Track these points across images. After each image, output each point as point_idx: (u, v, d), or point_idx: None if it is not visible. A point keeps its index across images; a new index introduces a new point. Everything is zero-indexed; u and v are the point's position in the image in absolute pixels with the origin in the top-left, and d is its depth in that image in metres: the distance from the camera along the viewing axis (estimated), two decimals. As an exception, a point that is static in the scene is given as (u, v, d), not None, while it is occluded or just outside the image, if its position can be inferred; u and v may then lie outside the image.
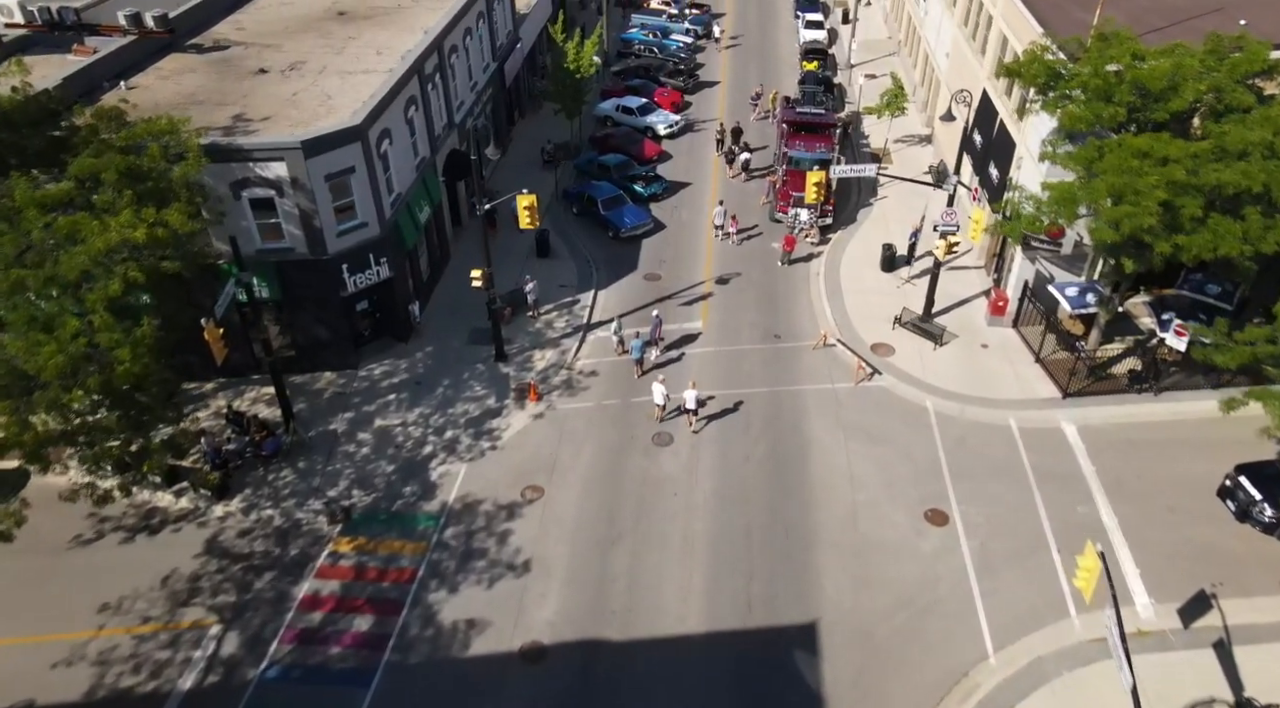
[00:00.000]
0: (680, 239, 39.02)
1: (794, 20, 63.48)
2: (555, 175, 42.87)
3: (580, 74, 43.08)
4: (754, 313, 34.07)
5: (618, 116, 48.48)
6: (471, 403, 29.79)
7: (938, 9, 46.29)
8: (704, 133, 48.33)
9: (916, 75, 51.17)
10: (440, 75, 35.29)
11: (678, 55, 56.09)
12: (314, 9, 38.96)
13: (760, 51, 58.82)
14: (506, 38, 45.45)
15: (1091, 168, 24.22)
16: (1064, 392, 29.37)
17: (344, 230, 28.42)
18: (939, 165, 42.81)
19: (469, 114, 39.36)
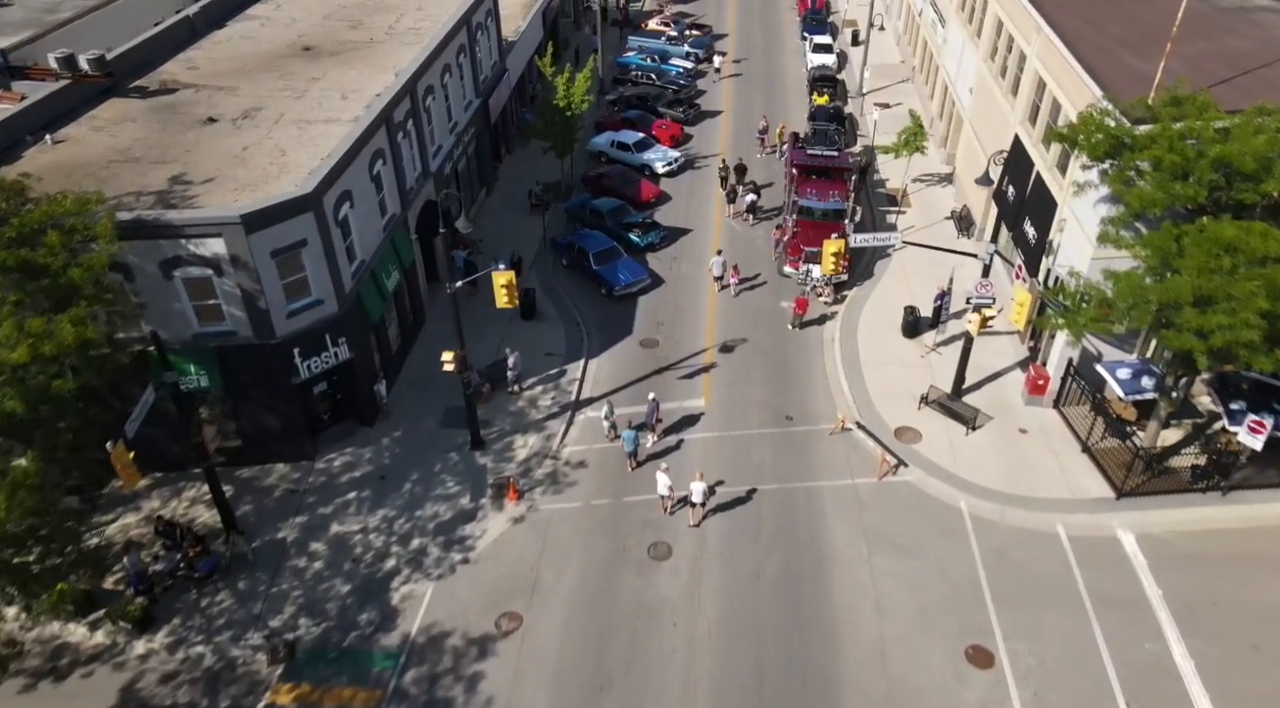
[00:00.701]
0: (680, 296, 35.41)
1: (800, 42, 60.01)
2: (544, 220, 39.30)
3: (572, 112, 39.54)
4: (763, 389, 30.47)
5: (612, 152, 44.92)
6: (442, 503, 26.17)
7: (958, 37, 42.76)
8: (706, 170, 44.77)
9: (934, 106, 47.63)
10: (414, 121, 31.71)
11: (677, 82, 52.55)
12: (277, 44, 35.39)
13: (766, 77, 55.26)
14: (492, 70, 41.90)
15: (1168, 260, 20.59)
16: (1118, 490, 25.77)
17: (295, 310, 24.83)
18: (962, 211, 39.24)
19: (448, 159, 35.78)
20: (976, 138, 38.73)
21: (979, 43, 39.13)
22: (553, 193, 41.60)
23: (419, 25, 37.57)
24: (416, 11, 39.26)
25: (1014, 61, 34.34)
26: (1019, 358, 31.29)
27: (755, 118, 49.92)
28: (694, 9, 67.21)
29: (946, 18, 45.47)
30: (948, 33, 45.09)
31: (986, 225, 36.58)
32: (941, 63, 46.05)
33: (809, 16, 61.47)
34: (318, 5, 39.71)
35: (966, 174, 40.25)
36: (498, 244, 38.27)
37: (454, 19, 36.08)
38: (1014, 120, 33.60)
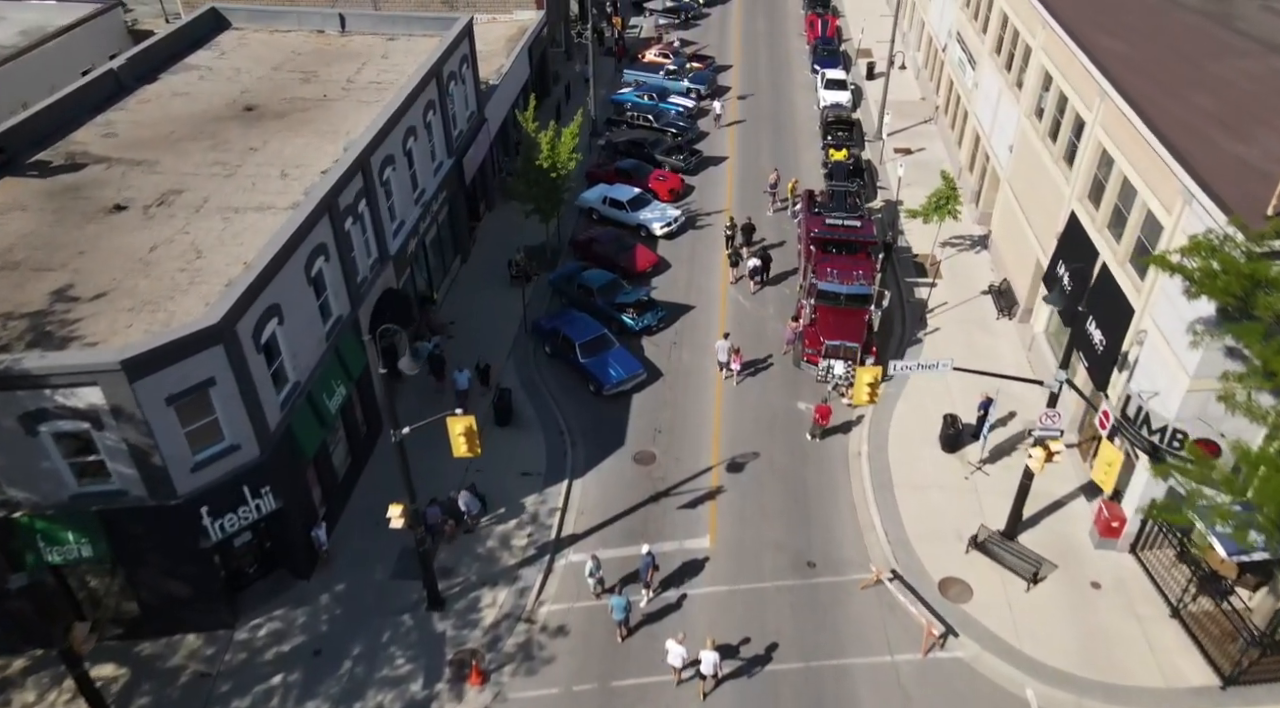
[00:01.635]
0: (680, 395, 30.60)
1: (811, 75, 55.25)
2: (525, 294, 34.54)
3: (558, 173, 34.78)
4: (779, 523, 25.65)
5: (604, 210, 40.12)
6: (389, 689, 21.30)
7: (993, 84, 37.99)
8: (709, 230, 39.98)
9: (962, 156, 42.84)
10: (368, 201, 26.96)
11: (676, 123, 47.75)
12: (215, 103, 30.61)
13: (774, 116, 50.45)
14: (468, 122, 37.11)
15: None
16: (1223, 676, 20.98)
17: (203, 461, 20.04)
18: (1002, 285, 34.43)
19: (412, 235, 30.97)
20: (1018, 203, 33.95)
21: (1020, 95, 34.33)
22: (536, 261, 36.80)
23: (382, 78, 32.82)
24: (381, 60, 34.51)
25: (1068, 125, 29.56)
26: (1081, 480, 26.50)
27: (763, 164, 45.16)
28: (695, 35, 62.46)
29: (978, 59, 40.72)
30: (979, 76, 40.32)
31: (1034, 311, 31.74)
32: (972, 109, 41.27)
33: (819, 47, 56.72)
34: (269, 53, 34.95)
35: (1005, 240, 35.43)
36: (472, 324, 33.48)
37: (420, 73, 31.34)
38: (1069, 195, 28.82)
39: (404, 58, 34.62)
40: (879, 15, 64.33)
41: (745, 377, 31.22)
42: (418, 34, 36.69)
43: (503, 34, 48.43)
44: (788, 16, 65.28)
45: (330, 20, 36.85)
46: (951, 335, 32.79)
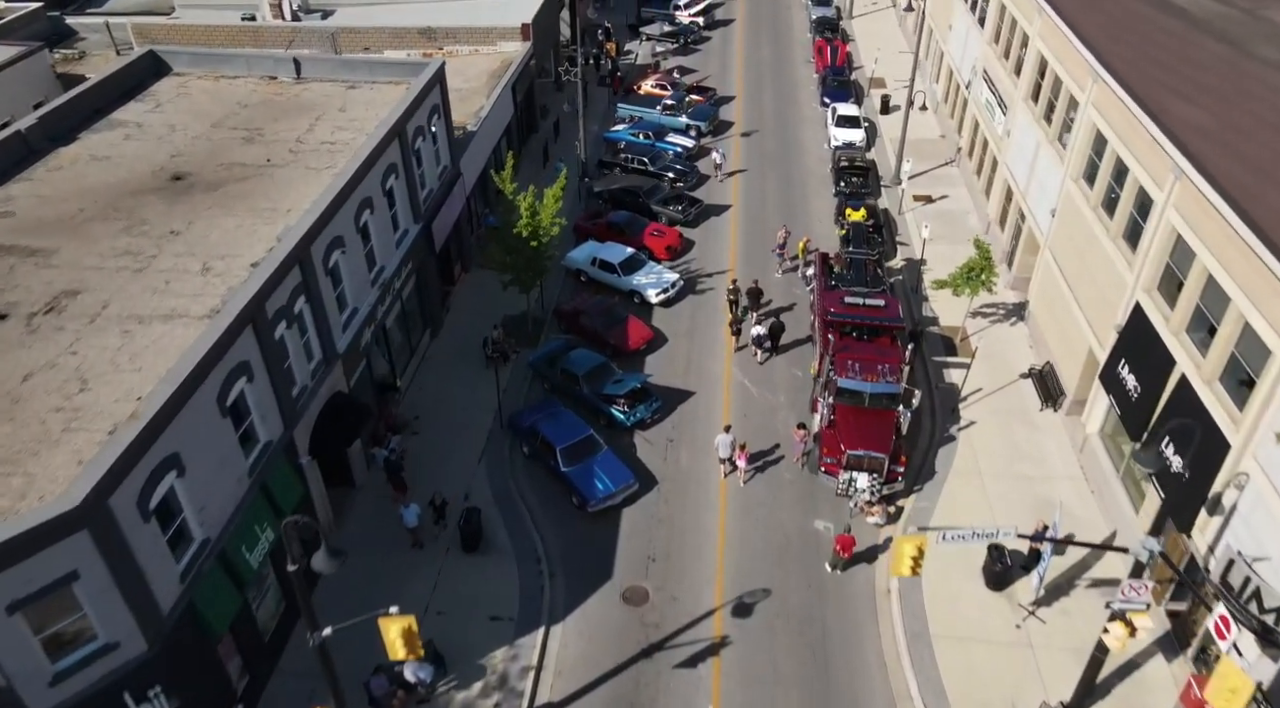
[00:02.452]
0: (678, 508, 26.39)
1: (820, 109, 51.08)
2: (500, 381, 30.39)
3: (539, 241, 30.62)
4: (797, 691, 21.36)
5: (593, 273, 35.92)
6: None
7: (1029, 135, 33.80)
8: (711, 295, 35.77)
9: (991, 208, 38.59)
10: (308, 298, 22.79)
11: (674, 167, 43.54)
12: (138, 171, 26.43)
13: (781, 156, 46.27)
14: (440, 179, 32.95)
15: None
16: None
17: (68, 669, 15.86)
18: (1044, 369, 30.23)
19: (367, 323, 26.77)
20: (1063, 276, 29.73)
21: (1065, 155, 30.16)
22: (516, 337, 32.61)
23: (336, 138, 28.63)
24: (338, 114, 30.33)
25: (1130, 199, 25.38)
26: (1157, 633, 22.28)
27: (769, 215, 41.00)
28: (695, 61, 58.26)
29: (1009, 104, 36.54)
30: (1011, 123, 36.12)
31: (1088, 407, 27.48)
32: (1002, 159, 37.06)
33: (829, 77, 52.56)
34: (210, 105, 30.77)
35: (1047, 317, 31.22)
36: (440, 417, 29.27)
37: (379, 133, 27.20)
38: (1133, 282, 24.64)
39: (364, 110, 30.45)
40: (891, 40, 60.21)
41: (753, 472, 27.13)
42: (382, 81, 32.53)
43: (485, 68, 44.33)
44: (794, 42, 61.14)
45: (284, 65, 32.68)
46: (989, 431, 28.58)
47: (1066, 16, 30.78)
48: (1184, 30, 29.97)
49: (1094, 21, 30.32)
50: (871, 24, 63.72)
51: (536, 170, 44.95)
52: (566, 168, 42.34)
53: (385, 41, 45.89)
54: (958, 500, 26.14)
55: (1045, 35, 32.69)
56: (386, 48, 45.99)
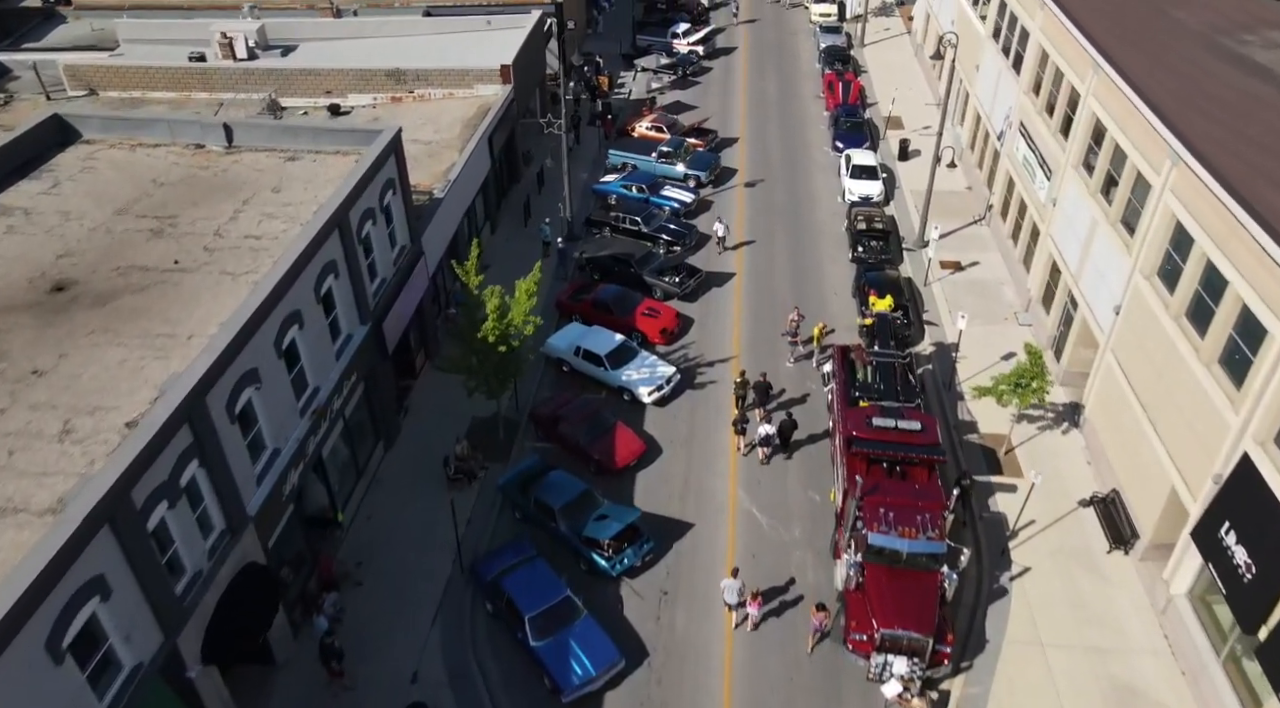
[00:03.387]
0: (674, 690, 21.54)
1: (833, 155, 46.35)
2: (464, 506, 25.65)
3: (509, 346, 25.88)
4: None
5: (577, 364, 31.17)
6: None
7: (1081, 209, 29.00)
8: (713, 389, 31.00)
9: (1032, 284, 33.70)
10: (203, 461, 18.00)
11: (670, 228, 38.71)
12: (13, 277, 21.52)
13: (790, 214, 41.43)
14: (396, 265, 28.19)
15: None
16: None
17: None
18: (1109, 498, 25.44)
19: (294, 463, 21.95)
20: (1132, 389, 24.95)
21: (1134, 246, 25.37)
22: (484, 449, 27.85)
23: (264, 230, 23.86)
24: (270, 196, 25.54)
25: (1229, 317, 20.65)
26: None
27: (778, 286, 36.25)
28: (695, 96, 53.50)
29: (1055, 170, 31.77)
30: (1058, 192, 31.36)
31: (1174, 565, 22.56)
32: (1047, 230, 32.27)
33: (841, 118, 47.77)
34: (120, 182, 25.96)
35: (1111, 434, 26.39)
36: (389, 560, 24.50)
37: (316, 226, 22.47)
38: (1239, 426, 19.86)
39: (303, 191, 25.69)
40: (907, 73, 55.47)
41: (766, 614, 22.49)
42: (327, 151, 27.77)
43: (459, 116, 39.60)
44: (801, 74, 56.39)
45: (213, 131, 27.91)
46: (1048, 580, 23.78)
47: (1131, 78, 26.05)
48: (1276, 98, 25.24)
49: (1164, 85, 25.58)
50: (885, 53, 59.01)
51: (516, 229, 40.24)
52: (550, 229, 37.77)
53: (349, 84, 41.16)
54: (1016, 684, 21.33)
55: (1103, 97, 27.95)
56: (351, 91, 41.27)
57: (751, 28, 63.84)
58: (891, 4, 67.38)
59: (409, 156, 35.82)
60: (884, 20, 64.26)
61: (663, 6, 65.00)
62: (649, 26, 61.20)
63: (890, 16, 65.27)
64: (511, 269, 37.17)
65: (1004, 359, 31.66)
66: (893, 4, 67.38)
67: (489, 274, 36.91)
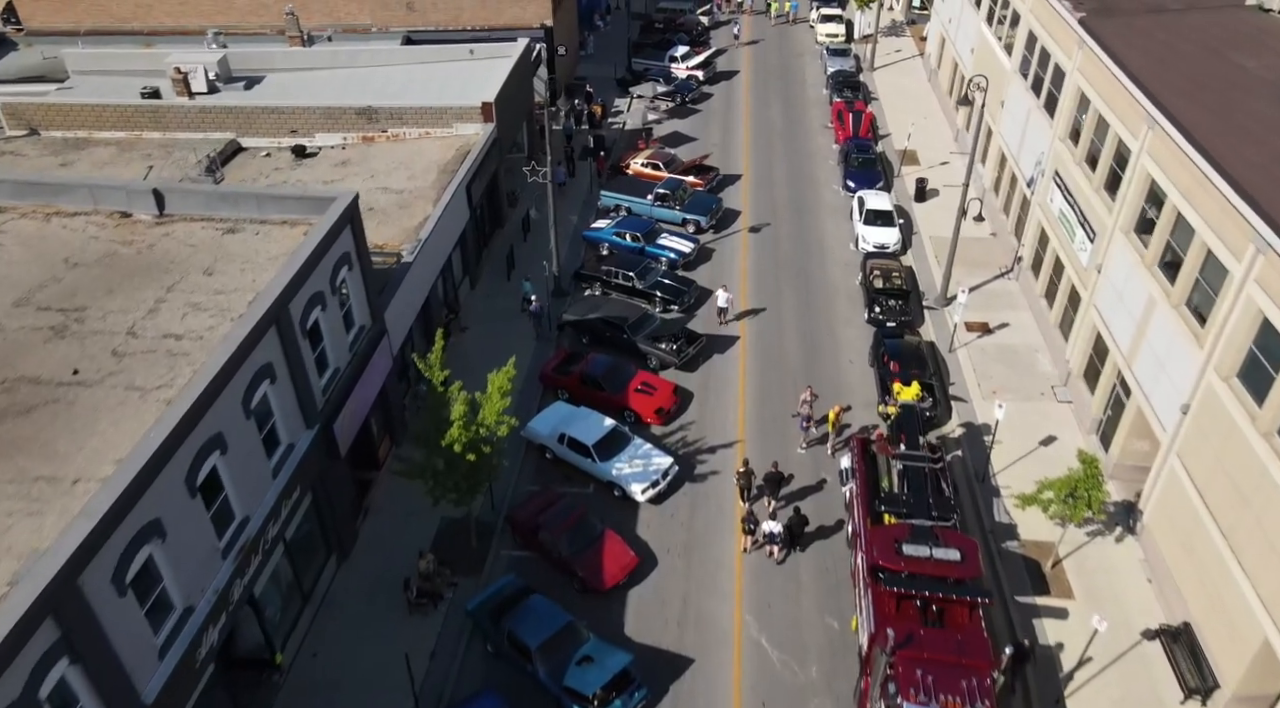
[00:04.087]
0: None
1: (843, 193, 42.78)
2: (425, 636, 22.06)
3: (479, 453, 22.27)
4: None
5: (560, 452, 27.58)
6: None
7: (1136, 283, 25.40)
8: (714, 481, 27.40)
9: (1072, 356, 30.03)
10: (74, 656, 14.41)
11: (665, 284, 35.04)
12: (-125, 397, 18.15)
13: (799, 265, 37.74)
14: (352, 350, 24.59)
15: None
16: None
17: None
18: (1177, 632, 21.84)
19: (214, 616, 18.30)
20: (1204, 504, 21.36)
21: (1205, 339, 21.77)
22: (451, 566, 24.23)
23: (188, 326, 20.15)
24: (201, 280, 21.90)
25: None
26: None
27: (788, 350, 32.70)
28: (694, 125, 49.88)
29: (1100, 232, 28.17)
30: (1104, 258, 27.76)
31: None
32: (1089, 298, 28.67)
33: (852, 153, 44.14)
34: (25, 263, 22.23)
35: (1178, 553, 22.73)
36: (335, 702, 20.99)
37: (248, 324, 18.91)
38: (1359, 590, 16.31)
39: (239, 273, 22.08)
40: (921, 100, 51.90)
41: None
42: (273, 220, 24.14)
43: (436, 159, 36.04)
44: (808, 100, 52.81)
45: (141, 198, 24.30)
46: None
47: (1199, 141, 22.48)
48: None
49: (1240, 152, 21.96)
50: (897, 78, 55.46)
51: (499, 284, 36.65)
52: (532, 286, 34.21)
53: (316, 123, 37.58)
54: None
55: (1161, 159, 24.39)
56: (318, 130, 37.71)
57: (754, 49, 60.30)
58: (901, 23, 63.93)
59: (377, 208, 32.60)
60: (894, 41, 60.72)
61: (660, 26, 61.49)
62: (645, 48, 57.65)
63: (901, 36, 61.76)
64: (491, 333, 33.74)
65: (1043, 444, 28.16)
66: (903, 23, 63.92)
67: (466, 336, 33.67)
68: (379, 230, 31.19)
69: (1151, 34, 29.41)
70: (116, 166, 35.36)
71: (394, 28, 48.25)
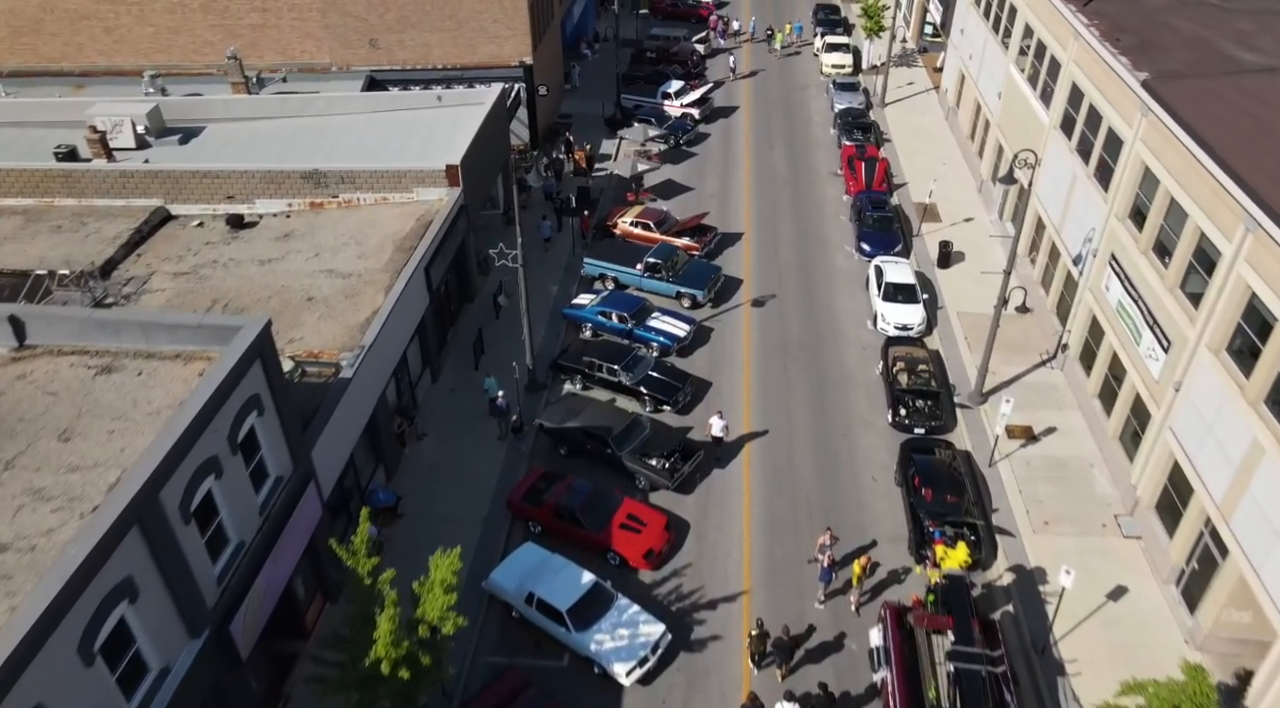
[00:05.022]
0: None
1: (856, 257, 38.05)
2: None
3: (416, 669, 17.43)
4: None
5: (528, 614, 22.60)
6: None
7: (1229, 415, 20.62)
8: (714, 650, 22.56)
9: (1139, 481, 25.40)
10: None
11: (652, 377, 30.17)
12: None
13: (811, 357, 32.76)
14: (266, 511, 19.61)
15: None
16: None
17: None
18: None
19: None
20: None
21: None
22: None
23: (19, 528, 15.27)
24: (56, 446, 17.00)
25: None
26: None
27: (799, 469, 27.90)
28: (690, 172, 45.12)
29: (1177, 342, 23.39)
30: (1183, 377, 22.95)
31: None
32: (1162, 418, 23.89)
33: (865, 210, 39.25)
34: None
35: None
36: None
37: (104, 522, 14.07)
38: None
39: (108, 435, 17.15)
40: (938, 141, 47.18)
41: None
42: (163, 353, 19.29)
43: (392, 231, 31.25)
44: (814, 141, 48.07)
45: (-2, 326, 19.44)
46: None
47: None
48: None
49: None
50: (911, 116, 50.73)
51: (465, 375, 31.80)
52: (497, 384, 29.41)
53: (256, 188, 32.74)
54: None
55: (1266, 270, 19.66)
56: (259, 196, 32.89)
57: (754, 81, 55.54)
58: (913, 51, 59.22)
59: (318, 298, 27.93)
60: (906, 72, 55.96)
61: (652, 55, 56.63)
62: (636, 82, 52.92)
63: (913, 67, 57.02)
64: (453, 439, 28.92)
65: (1111, 598, 23.41)
66: (914, 51, 59.21)
67: (425, 446, 28.82)
68: (318, 329, 26.43)
69: (1231, 101, 24.70)
70: (19, 242, 30.50)
71: (356, 67, 43.45)
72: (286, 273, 29.40)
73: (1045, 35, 34.26)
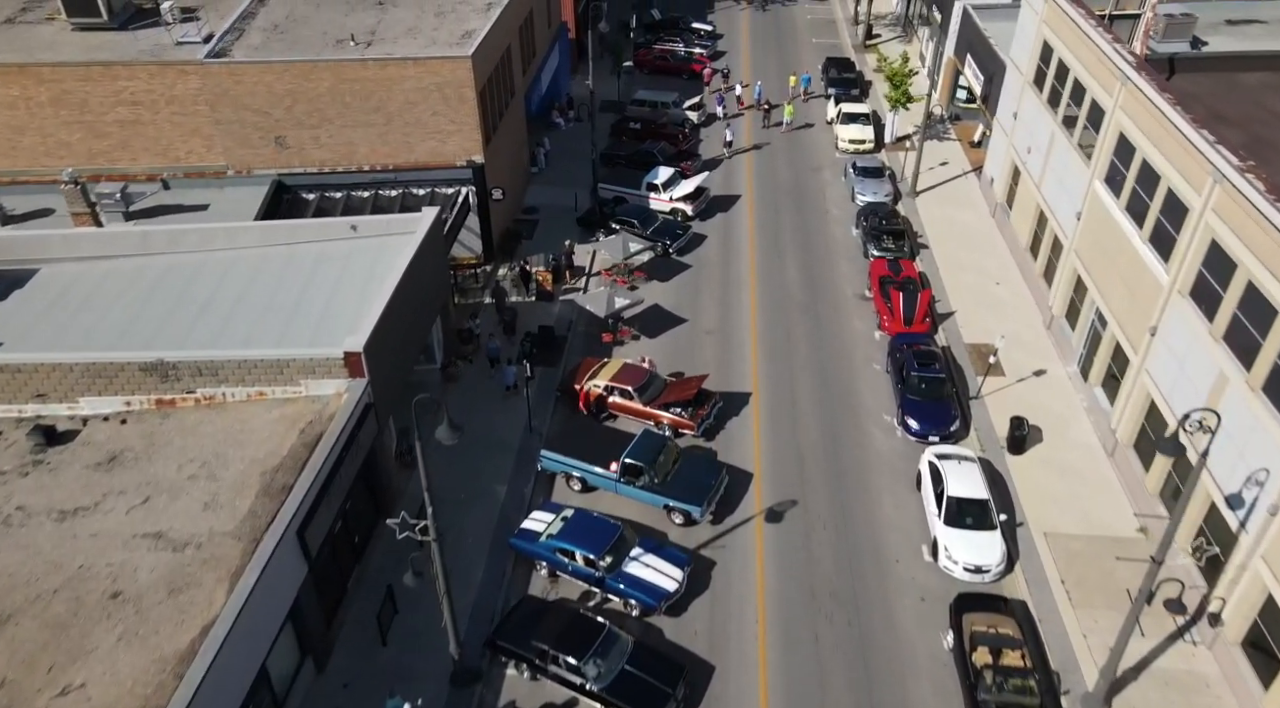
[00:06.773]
0: None
1: (899, 432, 29.02)
2: None
3: None
4: None
5: None
6: None
7: None
8: None
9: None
10: None
11: (630, 673, 21.10)
12: None
13: (852, 609, 23.67)
14: None
15: None
16: None
17: None
18: None
19: None
20: None
21: None
22: None
23: None
24: None
25: None
26: None
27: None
28: (680, 295, 36.05)
29: None
30: None
31: None
32: None
33: (908, 363, 29.99)
34: None
35: None
36: None
37: None
38: None
39: None
40: (984, 245, 38.15)
41: None
42: None
43: (261, 451, 22.08)
44: (834, 247, 39.03)
45: None
46: None
47: None
48: None
49: None
50: (947, 208, 41.72)
51: (369, 653, 22.53)
52: (400, 705, 20.26)
53: (80, 384, 23.52)
54: None
55: None
56: (85, 393, 23.68)
57: (756, 158, 46.52)
58: (944, 118, 50.16)
59: (127, 594, 18.86)
60: (937, 148, 46.94)
61: (636, 126, 47.51)
62: (616, 163, 44.11)
63: (944, 140, 47.96)
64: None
65: None
66: (945, 118, 50.16)
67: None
68: (112, 663, 17.29)
69: None
70: None
71: (259, 170, 34.23)
72: (93, 539, 20.22)
73: (1163, 166, 25.27)
